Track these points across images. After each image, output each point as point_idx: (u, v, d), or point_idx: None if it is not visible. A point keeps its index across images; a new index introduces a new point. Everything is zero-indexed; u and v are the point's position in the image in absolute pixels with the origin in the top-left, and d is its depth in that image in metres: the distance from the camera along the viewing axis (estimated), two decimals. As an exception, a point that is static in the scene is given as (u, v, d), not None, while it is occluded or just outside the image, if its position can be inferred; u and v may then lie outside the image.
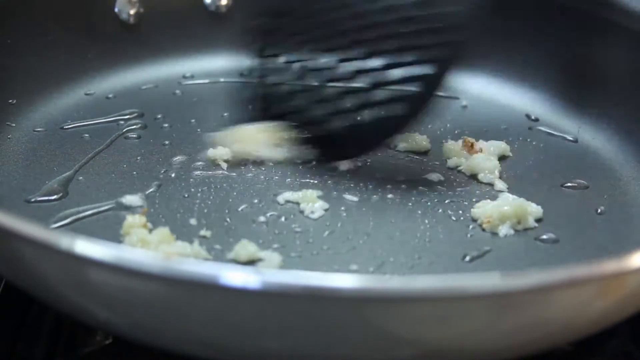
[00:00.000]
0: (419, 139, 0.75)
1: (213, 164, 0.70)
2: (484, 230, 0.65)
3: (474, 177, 0.71)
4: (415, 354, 0.50)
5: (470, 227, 0.65)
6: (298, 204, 0.66)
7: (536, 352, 0.54)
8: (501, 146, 0.74)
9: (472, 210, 0.67)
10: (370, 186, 0.69)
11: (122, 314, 0.51)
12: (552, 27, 0.83)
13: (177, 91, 0.82)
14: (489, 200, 0.67)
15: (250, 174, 0.70)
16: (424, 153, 0.74)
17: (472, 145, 0.73)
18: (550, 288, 0.47)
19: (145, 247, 0.60)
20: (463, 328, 0.48)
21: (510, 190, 0.70)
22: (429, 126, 0.76)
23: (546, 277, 0.47)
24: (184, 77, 0.84)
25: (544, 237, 0.65)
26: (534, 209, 0.66)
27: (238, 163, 0.71)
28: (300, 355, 0.50)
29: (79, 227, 0.63)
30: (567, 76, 0.82)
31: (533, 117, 0.81)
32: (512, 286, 0.47)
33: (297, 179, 0.69)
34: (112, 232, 0.62)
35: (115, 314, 0.51)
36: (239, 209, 0.66)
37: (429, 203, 0.68)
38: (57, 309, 0.59)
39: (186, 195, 0.67)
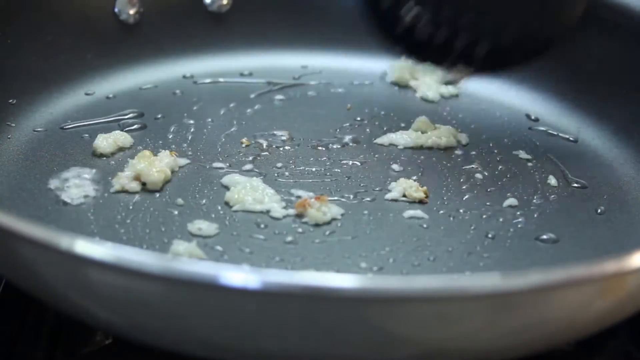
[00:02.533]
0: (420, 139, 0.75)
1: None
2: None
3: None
4: (415, 354, 0.50)
5: (471, 227, 0.65)
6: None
7: (536, 352, 0.54)
8: None
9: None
10: (370, 186, 0.69)
11: (122, 314, 0.51)
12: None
13: (177, 91, 0.82)
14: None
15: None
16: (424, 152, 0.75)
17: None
18: (550, 288, 0.47)
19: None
20: (463, 328, 0.48)
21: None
22: (429, 126, 0.77)
23: (546, 277, 0.47)
24: (184, 77, 0.84)
25: (544, 237, 0.65)
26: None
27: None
28: (300, 356, 0.50)
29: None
30: (567, 76, 0.82)
31: (533, 117, 0.81)
32: (512, 286, 0.47)
33: (297, 180, 0.69)
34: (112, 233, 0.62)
35: (115, 314, 0.51)
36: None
37: (429, 202, 0.68)
38: (57, 309, 0.59)
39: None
